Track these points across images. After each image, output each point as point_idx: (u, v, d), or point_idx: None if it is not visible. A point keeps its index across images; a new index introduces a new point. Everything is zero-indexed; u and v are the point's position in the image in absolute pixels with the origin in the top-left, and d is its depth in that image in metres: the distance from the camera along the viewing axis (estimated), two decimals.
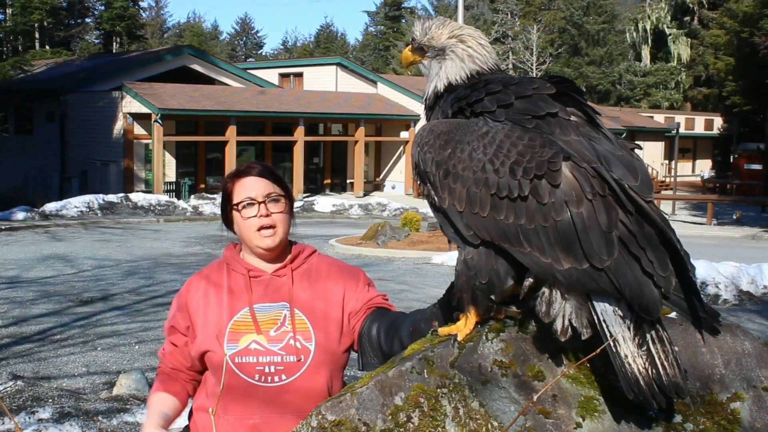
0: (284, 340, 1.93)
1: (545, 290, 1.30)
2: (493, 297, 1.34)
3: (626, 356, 1.22)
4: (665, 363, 1.23)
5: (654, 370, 1.22)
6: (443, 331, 1.46)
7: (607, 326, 1.24)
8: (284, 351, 1.93)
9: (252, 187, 1.97)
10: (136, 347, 7.18)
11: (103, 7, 46.09)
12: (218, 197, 2.10)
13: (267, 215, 1.95)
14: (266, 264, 2.02)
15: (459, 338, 1.41)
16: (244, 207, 1.96)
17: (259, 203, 1.96)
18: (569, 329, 1.28)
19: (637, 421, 1.30)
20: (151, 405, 2.04)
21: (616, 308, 1.24)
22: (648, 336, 1.24)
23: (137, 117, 24.05)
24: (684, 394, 1.23)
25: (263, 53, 77.93)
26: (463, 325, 1.41)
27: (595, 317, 1.26)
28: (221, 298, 1.99)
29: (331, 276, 2.04)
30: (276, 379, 1.92)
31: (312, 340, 1.94)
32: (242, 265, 2.01)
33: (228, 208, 2.01)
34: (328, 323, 1.97)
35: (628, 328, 1.24)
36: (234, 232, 2.04)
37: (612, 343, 1.23)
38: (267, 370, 1.91)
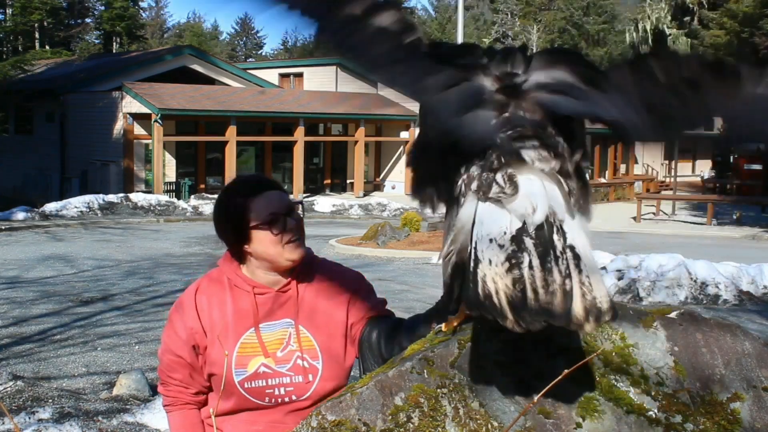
0: (291, 360, 1.90)
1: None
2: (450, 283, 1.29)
3: (485, 275, 1.07)
4: (540, 289, 1.05)
5: (518, 291, 1.06)
6: (443, 327, 1.47)
7: (476, 250, 1.09)
8: (292, 372, 1.90)
9: (273, 202, 1.88)
10: (136, 347, 7.18)
11: (103, 7, 46.08)
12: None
13: (294, 228, 1.88)
14: (271, 278, 1.93)
15: (443, 328, 1.41)
16: (272, 223, 1.86)
17: (284, 216, 1.88)
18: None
19: (637, 421, 1.30)
20: None
21: (496, 220, 1.09)
22: (526, 262, 1.06)
23: (137, 117, 24.05)
24: (558, 319, 1.05)
25: (263, 53, 77.94)
26: (454, 319, 1.43)
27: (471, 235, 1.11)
28: (226, 316, 1.92)
29: (334, 286, 1.99)
30: (286, 399, 1.91)
31: (319, 358, 1.92)
32: (246, 282, 1.92)
33: (244, 228, 1.88)
34: (333, 338, 1.95)
35: (501, 247, 1.07)
36: (247, 252, 1.91)
37: (474, 264, 1.08)
38: (276, 392, 1.90)
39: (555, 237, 1.09)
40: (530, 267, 1.06)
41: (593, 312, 1.07)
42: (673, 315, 1.41)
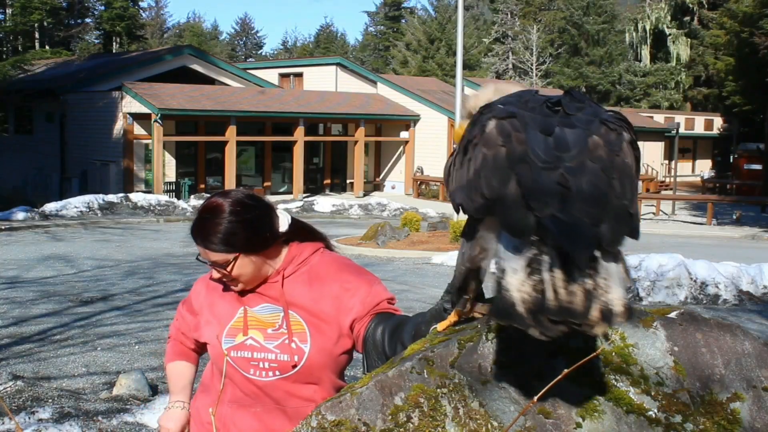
0: (279, 340, 1.97)
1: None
2: (460, 287, 1.38)
3: (511, 284, 1.10)
4: (560, 290, 1.07)
5: (539, 295, 1.08)
6: (439, 327, 1.49)
7: (501, 260, 1.13)
8: (278, 350, 1.96)
9: (202, 251, 1.98)
10: (136, 347, 7.18)
11: (103, 7, 46.07)
12: None
13: (220, 277, 2.00)
14: None
15: (438, 328, 1.46)
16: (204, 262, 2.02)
17: (210, 265, 2.00)
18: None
19: (637, 421, 1.30)
20: (171, 379, 2.22)
21: (515, 242, 1.13)
22: (547, 266, 1.09)
23: (137, 117, 24.06)
24: (578, 317, 1.07)
25: (263, 53, 77.98)
26: (450, 319, 1.46)
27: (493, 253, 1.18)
28: (222, 299, 2.06)
29: (331, 277, 2.02)
30: (270, 374, 1.97)
31: (307, 342, 1.96)
32: None
33: None
34: (325, 326, 1.98)
35: (523, 256, 1.11)
36: None
37: (499, 274, 1.11)
38: (261, 365, 1.97)
39: None
40: (550, 269, 1.09)
41: (605, 314, 1.08)
42: (673, 315, 1.41)
